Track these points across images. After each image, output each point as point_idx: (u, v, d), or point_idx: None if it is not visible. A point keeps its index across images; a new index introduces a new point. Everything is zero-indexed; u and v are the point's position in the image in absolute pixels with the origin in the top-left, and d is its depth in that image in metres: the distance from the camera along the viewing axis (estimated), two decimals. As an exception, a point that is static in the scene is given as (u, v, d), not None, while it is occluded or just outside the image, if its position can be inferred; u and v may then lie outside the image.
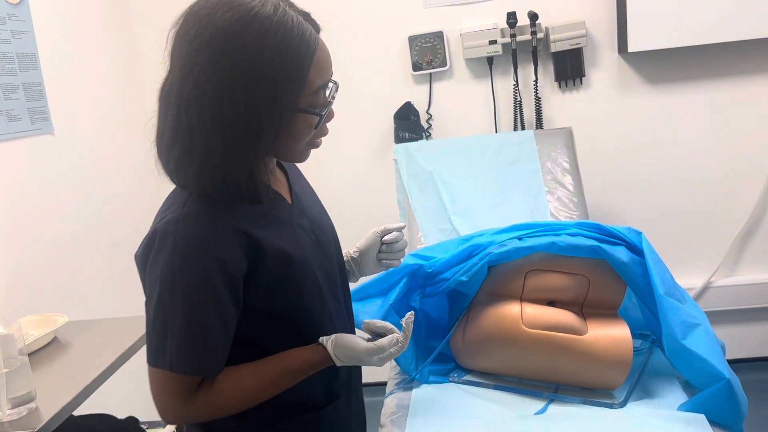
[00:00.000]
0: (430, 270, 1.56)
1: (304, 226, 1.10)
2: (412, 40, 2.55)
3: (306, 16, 0.99)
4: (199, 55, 0.92)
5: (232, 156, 0.95)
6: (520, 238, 1.52)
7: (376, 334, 1.12)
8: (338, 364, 1.07)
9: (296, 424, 1.10)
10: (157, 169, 1.02)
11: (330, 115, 1.04)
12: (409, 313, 1.08)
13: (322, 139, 1.07)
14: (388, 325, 1.11)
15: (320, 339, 1.07)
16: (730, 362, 1.40)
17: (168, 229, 0.95)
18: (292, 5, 0.98)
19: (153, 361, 0.98)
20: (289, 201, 1.11)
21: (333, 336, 1.07)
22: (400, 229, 1.32)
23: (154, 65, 2.54)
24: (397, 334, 1.08)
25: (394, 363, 1.64)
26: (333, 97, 1.03)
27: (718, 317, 2.60)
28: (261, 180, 1.00)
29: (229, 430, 1.08)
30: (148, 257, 0.98)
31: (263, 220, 1.03)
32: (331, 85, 1.03)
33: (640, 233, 1.49)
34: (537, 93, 2.55)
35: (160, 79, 1.00)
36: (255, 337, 1.05)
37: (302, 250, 1.06)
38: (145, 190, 2.63)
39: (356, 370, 1.25)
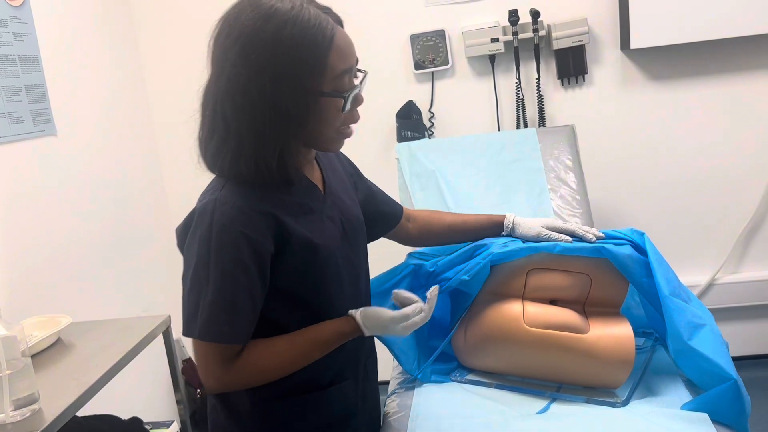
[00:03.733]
0: (431, 269, 1.56)
1: (333, 218, 1.18)
2: (414, 38, 2.55)
3: (326, 9, 1.07)
4: (229, 53, 1.03)
5: (263, 142, 1.03)
6: (521, 238, 1.51)
7: (402, 305, 1.20)
8: (366, 333, 1.15)
9: (302, 402, 1.17)
10: (199, 163, 1.12)
11: (358, 100, 1.12)
12: (434, 286, 1.17)
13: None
14: (414, 296, 1.20)
15: (349, 312, 1.17)
16: (734, 359, 1.39)
17: (206, 209, 1.05)
18: (312, 1, 1.06)
19: (186, 330, 1.06)
20: (323, 193, 1.19)
21: (360, 308, 1.17)
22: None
23: (157, 66, 2.56)
24: (421, 304, 1.17)
25: (396, 363, 1.64)
26: (361, 82, 1.12)
27: (722, 314, 2.60)
28: (292, 165, 1.09)
29: (241, 402, 1.16)
30: (187, 233, 1.09)
31: (294, 208, 1.11)
32: (360, 74, 1.13)
33: (642, 234, 1.48)
34: (539, 91, 2.54)
35: (162, 80, 1.05)
36: (276, 316, 1.12)
37: (328, 240, 1.14)
38: (149, 191, 2.63)
39: (366, 351, 1.30)
